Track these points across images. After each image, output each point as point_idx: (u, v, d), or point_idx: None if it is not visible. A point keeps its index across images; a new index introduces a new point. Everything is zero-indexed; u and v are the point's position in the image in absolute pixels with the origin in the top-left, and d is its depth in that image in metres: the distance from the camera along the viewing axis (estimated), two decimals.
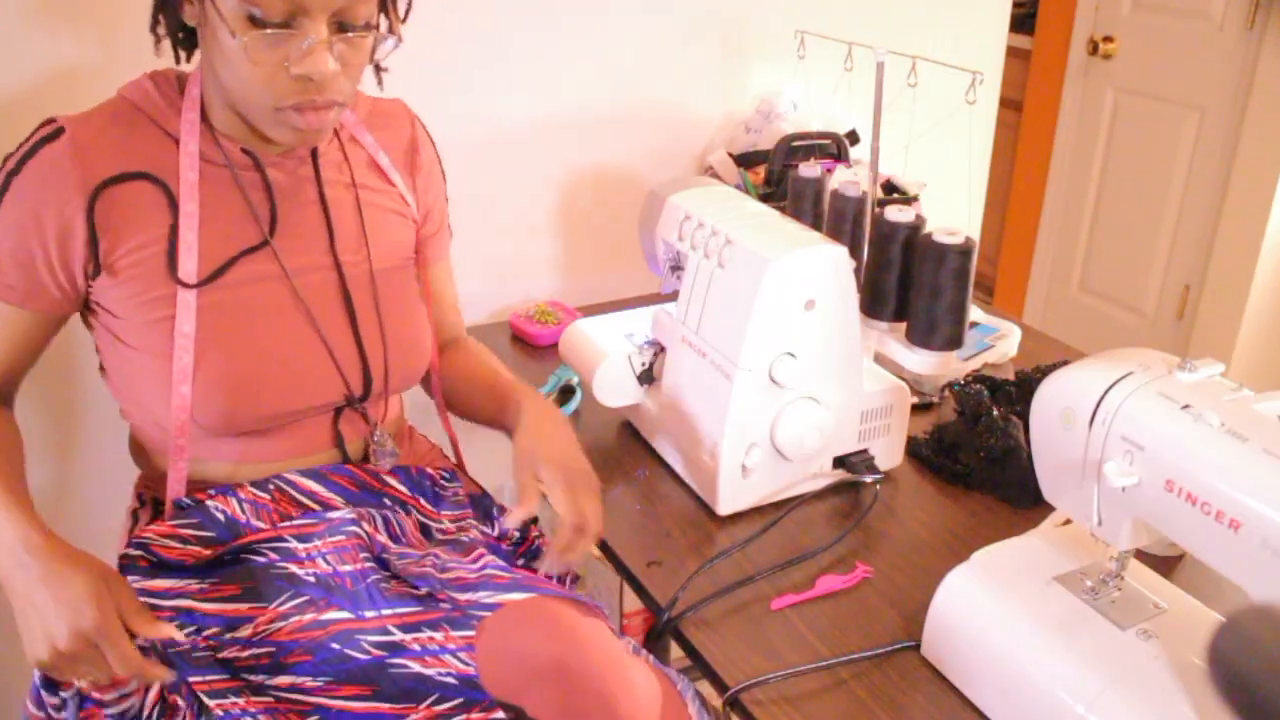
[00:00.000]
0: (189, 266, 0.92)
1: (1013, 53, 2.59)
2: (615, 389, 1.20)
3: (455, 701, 0.84)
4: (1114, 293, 3.03)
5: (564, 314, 1.55)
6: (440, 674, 0.84)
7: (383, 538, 0.97)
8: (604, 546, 1.08)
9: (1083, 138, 3.02)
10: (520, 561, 1.06)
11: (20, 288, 0.92)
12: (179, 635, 0.85)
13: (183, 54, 0.96)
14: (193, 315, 0.92)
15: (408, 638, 0.85)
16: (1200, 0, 2.63)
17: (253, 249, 0.96)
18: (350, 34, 0.88)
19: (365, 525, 0.95)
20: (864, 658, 0.91)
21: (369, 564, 0.92)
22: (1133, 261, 2.93)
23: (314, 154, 1.01)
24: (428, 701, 0.84)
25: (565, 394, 1.34)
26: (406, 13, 0.98)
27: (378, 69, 1.03)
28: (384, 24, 0.95)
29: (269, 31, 0.84)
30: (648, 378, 1.21)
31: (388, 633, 0.85)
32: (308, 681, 0.85)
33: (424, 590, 0.90)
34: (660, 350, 1.19)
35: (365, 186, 1.05)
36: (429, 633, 0.85)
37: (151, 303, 0.92)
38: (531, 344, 1.52)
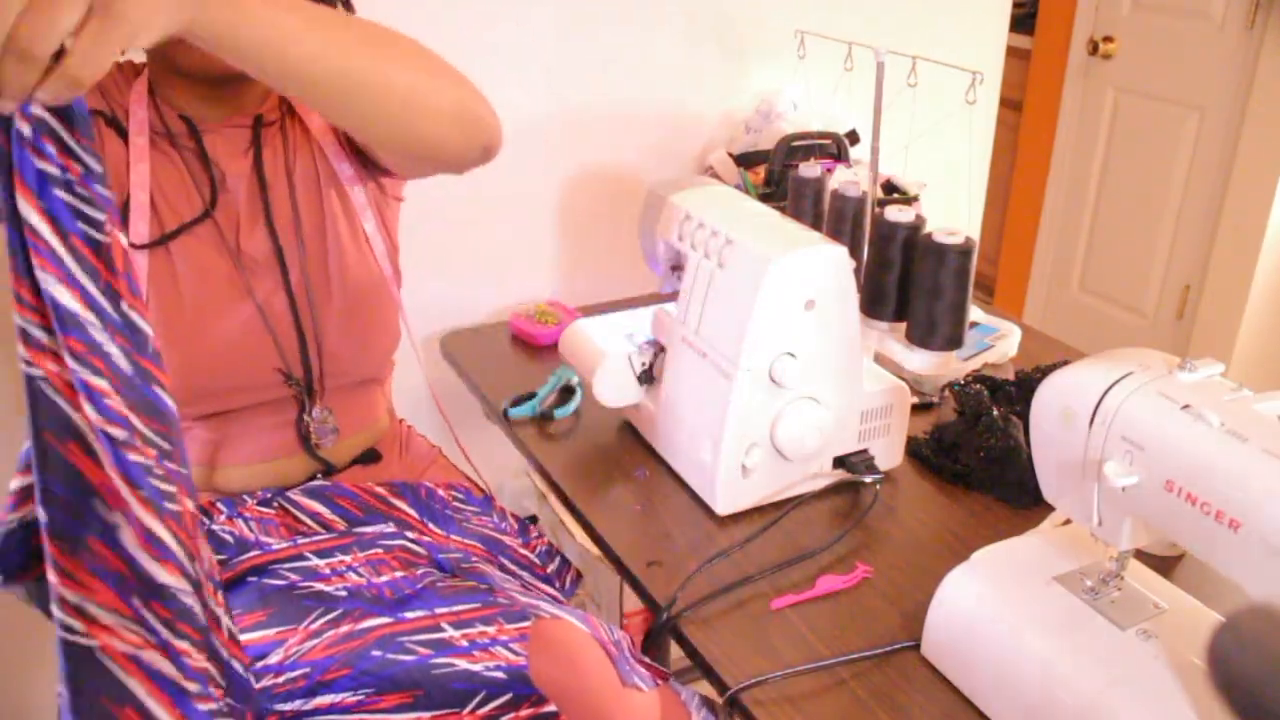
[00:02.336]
0: (140, 229, 0.93)
1: (1013, 53, 2.59)
2: (615, 389, 1.20)
3: (502, 699, 0.82)
4: (1114, 293, 3.03)
5: (564, 314, 1.55)
6: (488, 668, 0.82)
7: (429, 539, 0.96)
8: (604, 546, 1.08)
9: (1083, 138, 3.02)
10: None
11: None
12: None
13: None
14: (143, 279, 0.92)
15: (458, 634, 0.83)
16: (1200, 0, 2.63)
17: (196, 220, 0.97)
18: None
19: (410, 534, 0.94)
20: (864, 657, 0.91)
21: (421, 570, 0.90)
22: (1133, 261, 2.93)
23: (256, 123, 1.01)
24: (472, 704, 0.82)
25: (565, 394, 1.34)
26: None
27: None
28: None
29: None
30: (648, 378, 1.21)
31: (439, 629, 0.83)
32: (346, 698, 0.81)
33: (485, 586, 0.89)
34: (660, 350, 1.19)
35: (303, 154, 1.04)
36: (481, 627, 0.84)
37: None
38: (531, 344, 1.52)
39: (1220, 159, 2.65)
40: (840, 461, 1.15)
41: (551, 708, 0.83)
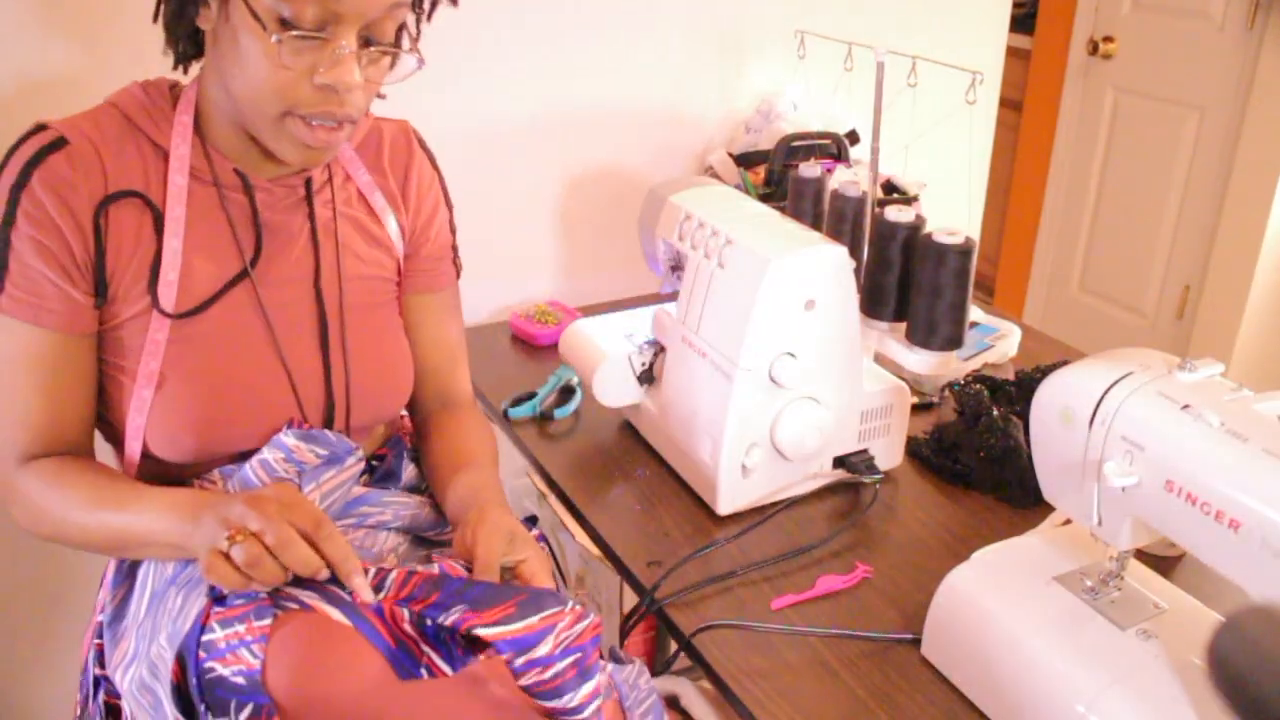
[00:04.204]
0: (168, 298, 0.89)
1: (1013, 53, 2.59)
2: (615, 389, 1.20)
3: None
4: (1114, 293, 3.03)
5: (564, 314, 1.55)
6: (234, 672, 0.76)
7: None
8: (604, 546, 1.08)
9: (1083, 138, 3.02)
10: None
11: (62, 310, 0.87)
12: (368, 593, 0.78)
13: (182, 64, 0.92)
14: (161, 349, 0.89)
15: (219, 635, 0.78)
16: (1200, 0, 2.63)
17: (233, 281, 0.93)
18: (374, 49, 0.86)
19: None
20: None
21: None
22: (1133, 261, 2.93)
23: (308, 183, 0.97)
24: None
25: (565, 394, 1.34)
26: (417, 37, 0.95)
27: None
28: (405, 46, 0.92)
29: (300, 34, 0.81)
30: (648, 378, 1.21)
31: (210, 630, 0.78)
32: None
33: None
34: (660, 350, 1.19)
35: (350, 218, 1.01)
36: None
37: (129, 322, 0.90)
38: (531, 344, 1.52)
39: (1220, 159, 2.65)
40: (840, 461, 1.15)
41: None
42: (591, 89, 1.62)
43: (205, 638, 0.77)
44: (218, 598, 0.78)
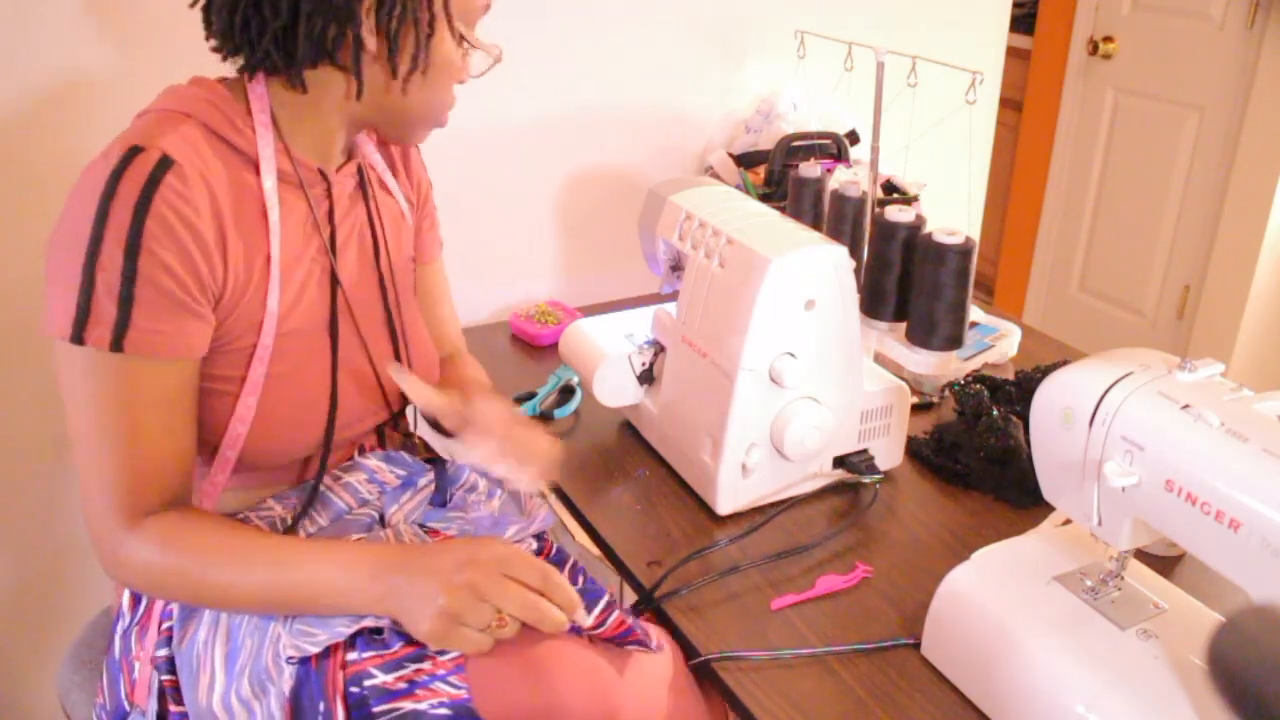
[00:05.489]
0: (274, 302, 0.88)
1: (1013, 53, 2.59)
2: (615, 389, 1.20)
3: None
4: (1114, 293, 3.03)
5: (564, 314, 1.55)
6: (433, 706, 0.80)
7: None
8: (604, 546, 1.08)
9: (1083, 138, 3.02)
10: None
11: (188, 337, 0.82)
12: (586, 618, 0.83)
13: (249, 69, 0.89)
14: (269, 353, 0.88)
15: (390, 678, 0.81)
16: (1200, 0, 2.63)
17: (326, 280, 0.94)
18: (469, 45, 0.93)
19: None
20: (864, 657, 0.91)
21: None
22: (1133, 261, 2.93)
23: (360, 172, 0.99)
24: None
25: (565, 394, 1.34)
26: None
27: None
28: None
29: (474, 46, 0.92)
30: (648, 378, 1.21)
31: (369, 675, 0.81)
32: None
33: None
34: (660, 350, 1.19)
35: (383, 203, 1.04)
36: (414, 666, 0.81)
37: (244, 333, 0.88)
38: (531, 344, 1.52)
39: (1220, 159, 2.65)
40: (840, 461, 1.15)
41: None
42: (591, 89, 1.62)
43: (368, 683, 0.80)
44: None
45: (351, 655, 0.82)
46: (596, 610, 0.84)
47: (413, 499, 0.99)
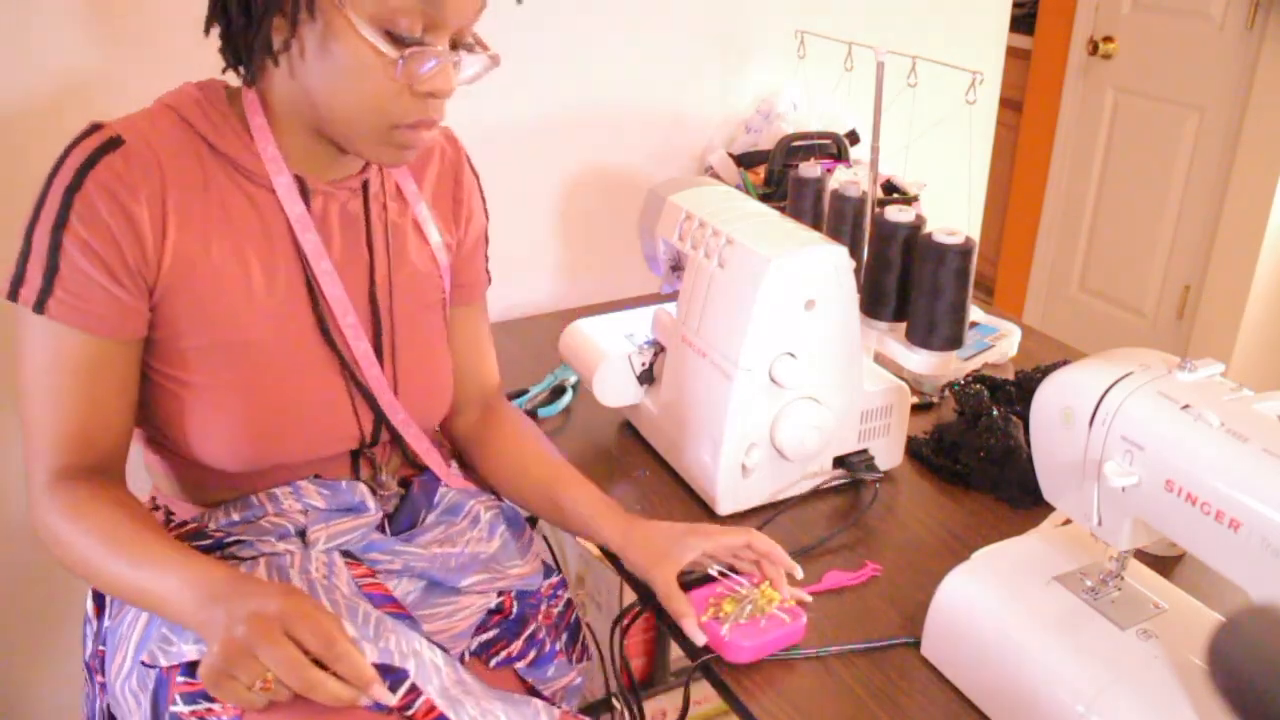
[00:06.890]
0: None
1: (1013, 53, 2.59)
2: (615, 389, 1.20)
3: None
4: (1114, 293, 3.03)
5: None
6: None
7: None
8: (603, 546, 1.08)
9: (1083, 138, 3.02)
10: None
11: (111, 315, 0.83)
12: (389, 698, 0.76)
13: (249, 77, 0.89)
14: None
15: (186, 709, 0.81)
16: (1200, 0, 2.63)
17: (297, 285, 0.92)
18: (464, 52, 0.86)
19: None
20: (864, 657, 0.91)
21: None
22: (1133, 261, 2.93)
23: (365, 186, 0.96)
24: None
25: (555, 393, 1.35)
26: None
27: None
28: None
29: (413, 49, 0.80)
30: (648, 378, 1.21)
31: (175, 702, 0.81)
32: None
33: None
34: (660, 350, 1.19)
35: (399, 226, 1.00)
36: (205, 704, 0.81)
37: (188, 331, 0.88)
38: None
39: (1220, 159, 2.65)
40: (840, 461, 1.15)
41: None
42: (591, 89, 1.62)
43: (172, 709, 0.80)
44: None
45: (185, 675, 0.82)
46: (400, 692, 0.78)
47: (351, 523, 0.96)
